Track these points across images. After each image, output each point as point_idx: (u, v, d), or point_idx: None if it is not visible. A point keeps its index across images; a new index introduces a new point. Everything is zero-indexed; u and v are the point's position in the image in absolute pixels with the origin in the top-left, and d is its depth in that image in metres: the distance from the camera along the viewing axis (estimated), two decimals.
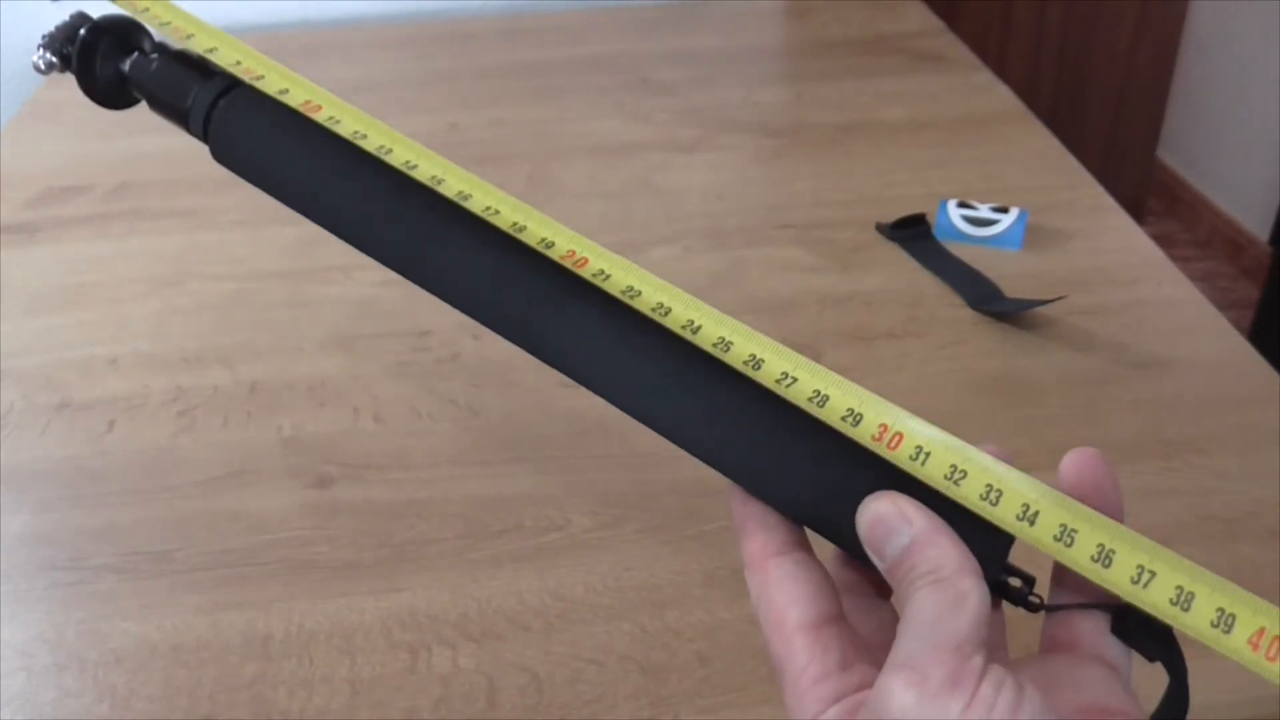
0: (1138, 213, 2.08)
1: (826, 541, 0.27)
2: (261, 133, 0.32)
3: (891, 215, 0.82)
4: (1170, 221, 2.24)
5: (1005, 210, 0.80)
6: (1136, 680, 0.26)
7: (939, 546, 0.24)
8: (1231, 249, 2.08)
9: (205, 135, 0.33)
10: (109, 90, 0.35)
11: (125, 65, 0.34)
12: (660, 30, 1.23)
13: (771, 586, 0.26)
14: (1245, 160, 2.03)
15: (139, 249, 0.85)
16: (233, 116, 0.32)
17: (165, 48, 0.34)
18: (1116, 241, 0.80)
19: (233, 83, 0.32)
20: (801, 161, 0.94)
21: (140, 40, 0.35)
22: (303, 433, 0.65)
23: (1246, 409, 0.64)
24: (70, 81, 0.35)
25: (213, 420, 0.66)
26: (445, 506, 0.59)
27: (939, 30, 1.19)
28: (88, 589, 0.55)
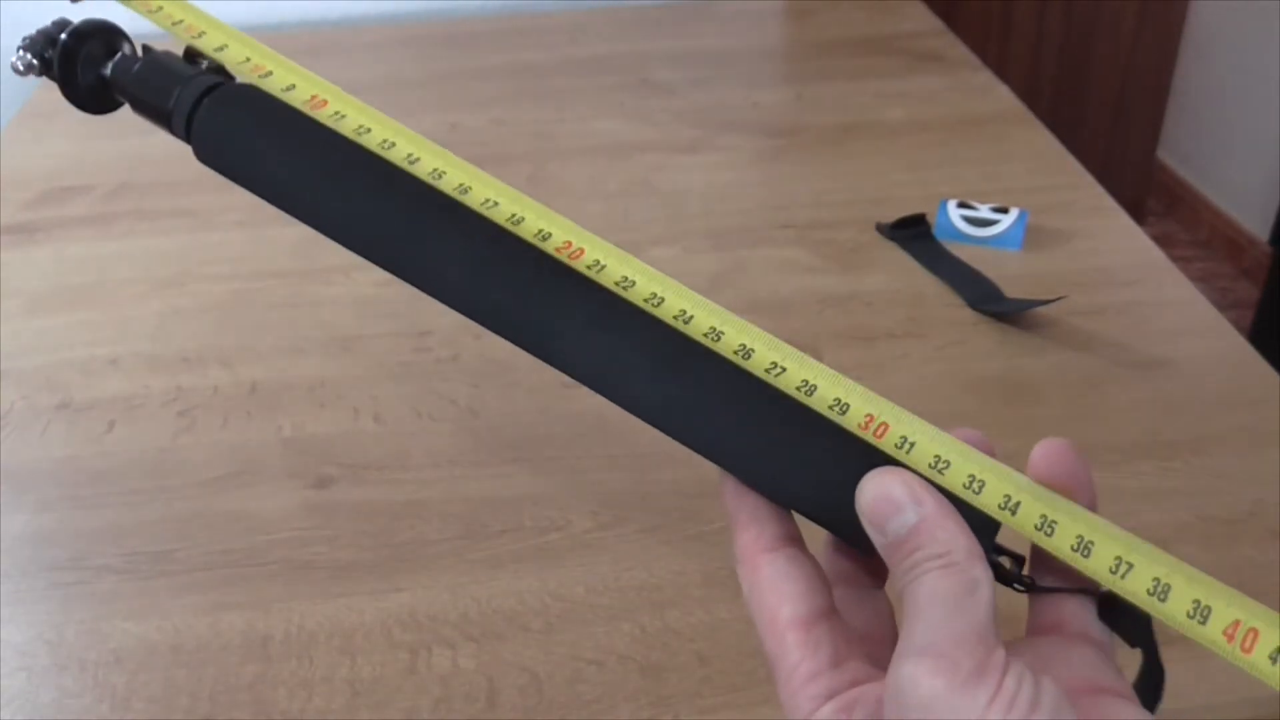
0: (1138, 213, 2.08)
1: (816, 534, 0.27)
2: (245, 132, 0.32)
3: (891, 215, 0.82)
4: (1170, 222, 2.24)
5: (1005, 210, 0.80)
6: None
7: (948, 530, 0.23)
8: (1231, 249, 2.08)
9: (188, 136, 0.33)
10: (91, 94, 0.35)
11: (107, 69, 0.34)
12: (660, 30, 1.23)
13: (763, 583, 0.26)
14: (1245, 160, 2.03)
15: (139, 249, 0.85)
16: (216, 116, 0.32)
17: (148, 49, 0.34)
18: (1116, 242, 0.80)
19: (215, 83, 0.32)
20: (801, 162, 0.94)
21: (120, 44, 0.35)
22: (303, 433, 0.65)
23: (1246, 409, 0.64)
24: None
25: (213, 420, 0.66)
26: (445, 507, 0.59)
27: (939, 30, 1.19)
28: (88, 589, 0.55)
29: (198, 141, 0.32)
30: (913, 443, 0.25)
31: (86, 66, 0.34)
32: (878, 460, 0.26)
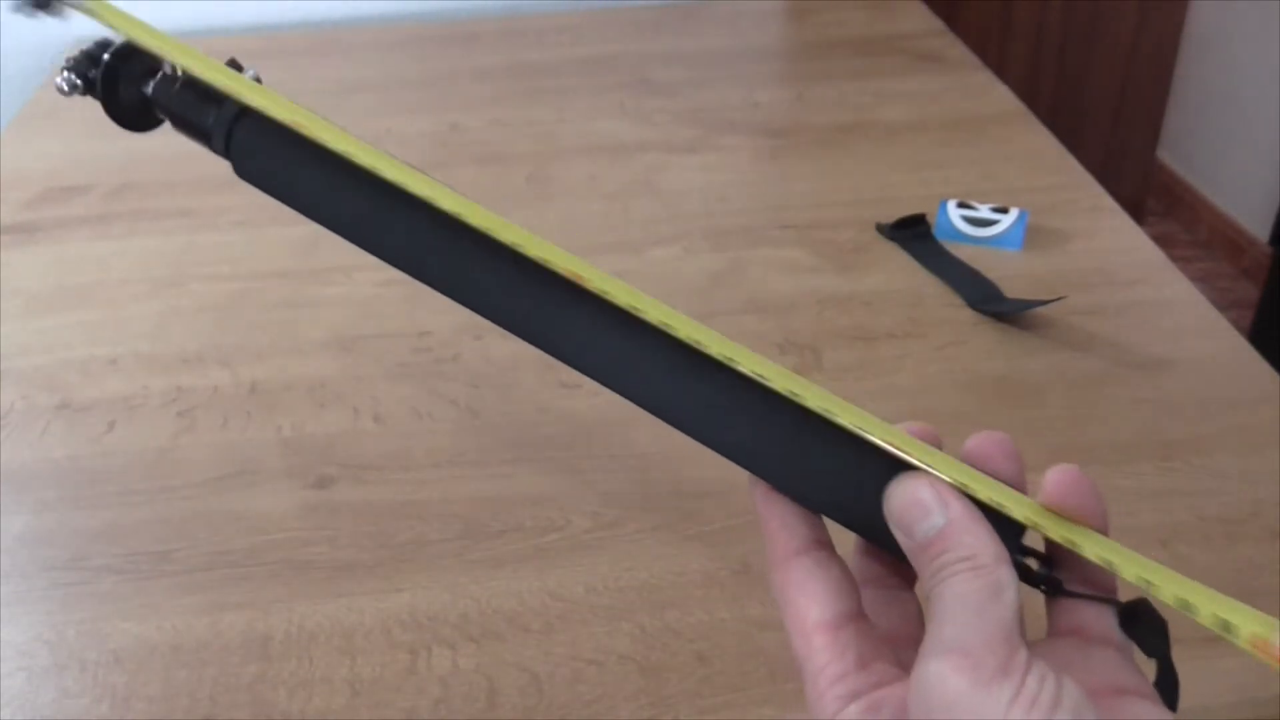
0: (1138, 213, 2.08)
1: (846, 539, 0.27)
2: (282, 148, 0.32)
3: (891, 215, 0.82)
4: (1170, 222, 2.24)
5: (1005, 210, 0.80)
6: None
7: (975, 534, 0.24)
8: (1231, 249, 2.08)
9: (227, 152, 0.33)
10: (133, 113, 0.35)
11: (149, 88, 0.34)
12: (660, 30, 1.23)
13: (792, 585, 0.27)
14: (1245, 160, 2.03)
15: (139, 249, 0.85)
16: (254, 133, 0.32)
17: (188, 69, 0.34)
18: (1116, 242, 0.80)
19: None
20: (801, 162, 0.94)
21: (161, 63, 0.35)
22: (303, 433, 0.65)
23: (1246, 409, 0.64)
24: None
25: (213, 420, 0.66)
26: (445, 507, 0.59)
27: (939, 30, 1.19)
28: (88, 589, 0.55)
29: (236, 158, 0.33)
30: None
31: (128, 85, 0.35)
32: (902, 463, 0.26)
